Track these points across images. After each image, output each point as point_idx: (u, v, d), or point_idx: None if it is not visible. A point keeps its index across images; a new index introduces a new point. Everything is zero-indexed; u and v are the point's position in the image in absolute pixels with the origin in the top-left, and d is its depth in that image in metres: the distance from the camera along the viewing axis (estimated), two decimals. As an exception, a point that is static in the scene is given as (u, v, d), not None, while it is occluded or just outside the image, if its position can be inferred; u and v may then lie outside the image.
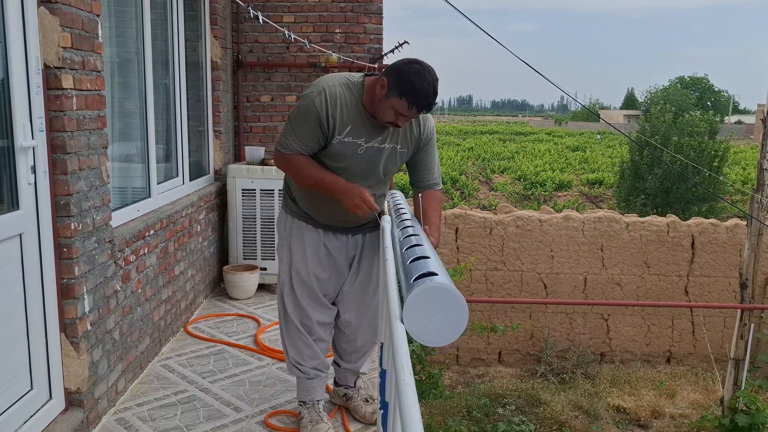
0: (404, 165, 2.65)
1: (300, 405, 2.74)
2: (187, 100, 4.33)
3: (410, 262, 1.71)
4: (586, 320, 9.77)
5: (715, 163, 19.54)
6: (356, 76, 2.47)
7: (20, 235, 2.24)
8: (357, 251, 2.72)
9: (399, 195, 3.01)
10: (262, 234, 4.75)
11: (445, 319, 1.46)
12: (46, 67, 2.31)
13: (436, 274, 1.53)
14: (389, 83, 2.28)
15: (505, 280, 9.65)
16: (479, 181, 26.99)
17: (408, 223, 2.29)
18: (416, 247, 1.84)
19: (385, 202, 2.81)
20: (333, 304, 2.75)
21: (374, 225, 2.68)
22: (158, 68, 3.83)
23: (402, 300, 1.52)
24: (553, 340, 9.66)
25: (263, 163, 4.79)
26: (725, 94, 72.96)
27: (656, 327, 9.81)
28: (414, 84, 2.24)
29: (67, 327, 2.47)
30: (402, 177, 25.29)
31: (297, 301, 2.67)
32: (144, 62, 3.54)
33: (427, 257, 1.70)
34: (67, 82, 2.37)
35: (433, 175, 2.63)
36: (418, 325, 1.45)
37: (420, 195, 2.60)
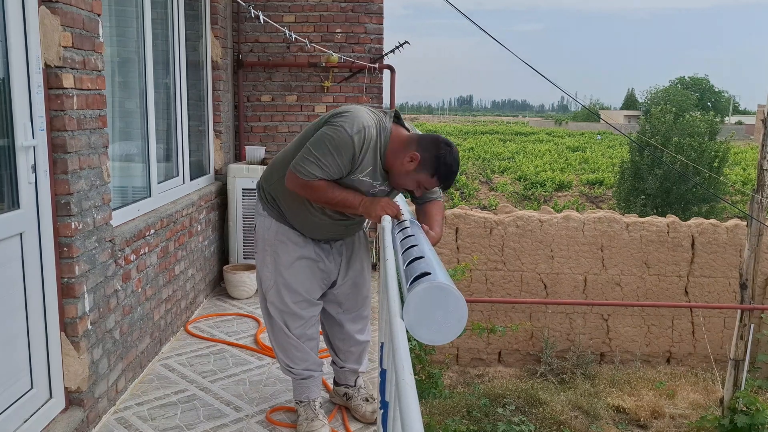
0: None
1: (297, 404, 2.76)
2: (188, 99, 4.34)
3: (410, 263, 1.71)
4: (586, 320, 9.77)
5: (716, 164, 19.55)
6: (386, 119, 2.43)
7: (21, 234, 2.24)
8: (345, 253, 2.72)
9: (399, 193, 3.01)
10: (262, 233, 4.75)
11: (445, 318, 1.46)
12: (46, 66, 2.31)
13: (437, 273, 1.53)
14: (422, 160, 2.33)
15: (505, 280, 9.66)
16: (479, 181, 27.00)
17: (407, 223, 2.29)
18: (415, 248, 1.84)
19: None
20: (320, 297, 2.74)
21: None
22: (159, 68, 3.83)
23: (402, 299, 1.52)
24: (553, 341, 9.66)
25: (264, 162, 4.79)
26: (725, 94, 72.96)
27: (656, 327, 9.82)
28: (451, 167, 2.35)
29: (67, 326, 2.48)
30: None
31: (284, 303, 2.63)
32: (144, 62, 3.54)
33: (426, 257, 1.71)
34: (67, 81, 2.37)
35: (435, 193, 2.62)
36: (418, 322, 1.46)
37: (422, 206, 2.61)
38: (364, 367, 2.94)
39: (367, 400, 2.85)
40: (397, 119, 2.46)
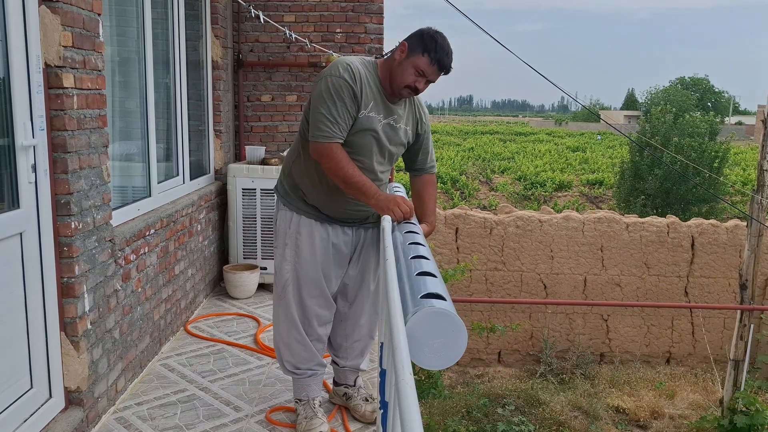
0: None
1: (296, 402, 2.76)
2: (188, 99, 4.33)
3: (416, 275, 1.71)
4: (586, 320, 9.77)
5: (716, 164, 19.56)
6: (368, 57, 2.56)
7: (21, 233, 2.24)
8: (359, 244, 2.73)
9: (401, 189, 3.02)
10: (262, 233, 4.75)
11: (444, 347, 1.46)
12: (47, 66, 2.31)
13: (444, 299, 1.53)
14: (410, 45, 2.41)
15: (505, 280, 9.66)
16: (479, 181, 27.00)
17: (413, 227, 2.29)
18: (423, 260, 1.83)
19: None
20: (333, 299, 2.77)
21: (377, 218, 2.68)
22: (159, 67, 3.83)
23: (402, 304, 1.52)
24: (553, 341, 9.66)
25: (264, 162, 4.79)
26: (726, 95, 72.95)
27: (656, 328, 9.82)
28: (437, 40, 2.39)
29: (67, 326, 2.48)
30: (402, 177, 25.28)
31: (301, 300, 2.64)
32: (145, 61, 3.54)
33: (434, 275, 1.70)
34: (67, 81, 2.37)
35: (431, 157, 2.74)
36: (416, 344, 1.46)
37: (417, 179, 2.71)
38: (365, 365, 2.93)
39: (367, 400, 2.85)
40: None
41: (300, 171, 2.59)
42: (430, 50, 2.38)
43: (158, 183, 3.74)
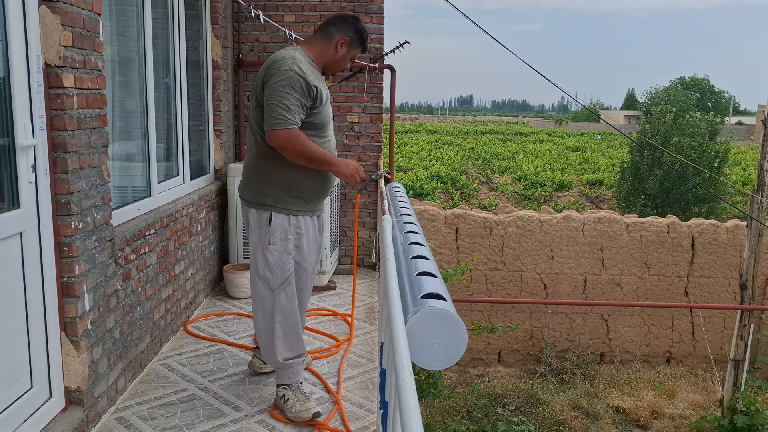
0: None
1: (284, 388, 2.84)
2: (188, 99, 4.33)
3: (416, 275, 1.71)
4: (586, 320, 9.77)
5: (716, 164, 19.55)
6: (289, 45, 2.91)
7: (21, 233, 2.24)
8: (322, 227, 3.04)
9: (401, 189, 3.05)
10: (262, 233, 4.75)
11: (444, 347, 1.47)
12: (47, 65, 2.31)
13: (444, 299, 1.53)
14: (350, 40, 2.83)
15: (505, 280, 9.66)
16: (479, 181, 27.00)
17: (413, 228, 2.29)
18: (422, 260, 1.84)
19: None
20: None
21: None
22: (159, 67, 3.83)
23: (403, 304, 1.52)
24: (553, 341, 9.66)
25: (264, 162, 4.79)
26: (726, 95, 72.96)
27: (656, 327, 9.82)
28: (366, 33, 2.89)
29: (67, 325, 2.48)
30: (401, 177, 25.26)
31: (300, 291, 2.86)
32: (145, 61, 3.54)
33: (434, 275, 1.70)
34: (68, 80, 2.37)
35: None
36: (416, 344, 1.46)
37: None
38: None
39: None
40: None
41: (287, 171, 2.74)
42: (364, 43, 2.89)
43: (158, 183, 3.74)
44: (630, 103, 73.10)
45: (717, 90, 70.07)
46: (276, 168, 2.74)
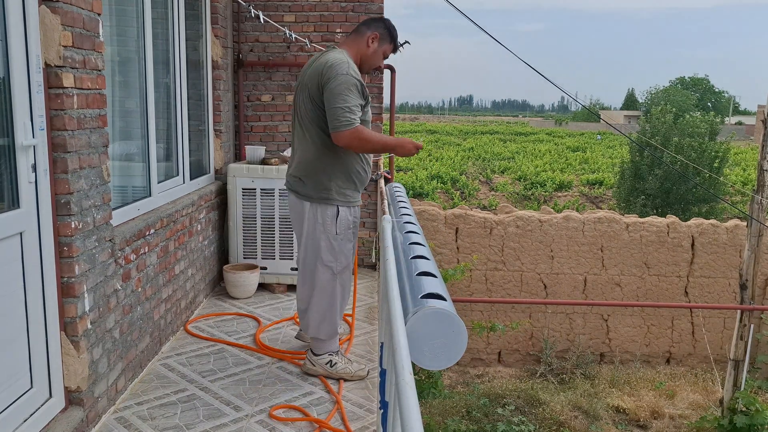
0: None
1: (329, 355, 3.18)
2: (188, 99, 4.33)
3: (416, 275, 1.71)
4: (586, 320, 9.77)
5: (716, 164, 19.53)
6: (331, 49, 3.04)
7: (21, 233, 2.24)
8: None
9: (401, 189, 3.10)
10: (262, 233, 4.75)
11: (444, 347, 1.47)
12: (47, 65, 2.31)
13: (444, 299, 1.53)
14: (381, 35, 3.07)
15: (505, 280, 9.65)
16: (479, 181, 26.99)
17: (413, 228, 2.30)
18: (422, 260, 1.84)
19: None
20: None
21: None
22: (159, 67, 3.83)
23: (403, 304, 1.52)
24: (553, 341, 9.66)
25: (264, 162, 4.79)
26: (726, 94, 72.97)
27: (656, 327, 9.82)
28: (395, 30, 3.14)
29: (67, 325, 2.48)
30: (401, 177, 25.27)
31: (350, 276, 3.22)
32: (145, 61, 3.54)
33: (434, 275, 1.71)
34: (67, 80, 2.37)
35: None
36: (416, 344, 1.46)
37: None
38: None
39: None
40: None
41: (346, 165, 3.02)
42: (395, 39, 3.12)
43: (158, 183, 3.74)
44: (630, 103, 73.12)
45: (717, 90, 70.07)
46: (337, 163, 3.00)
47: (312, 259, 3.10)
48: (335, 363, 3.17)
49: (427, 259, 1.85)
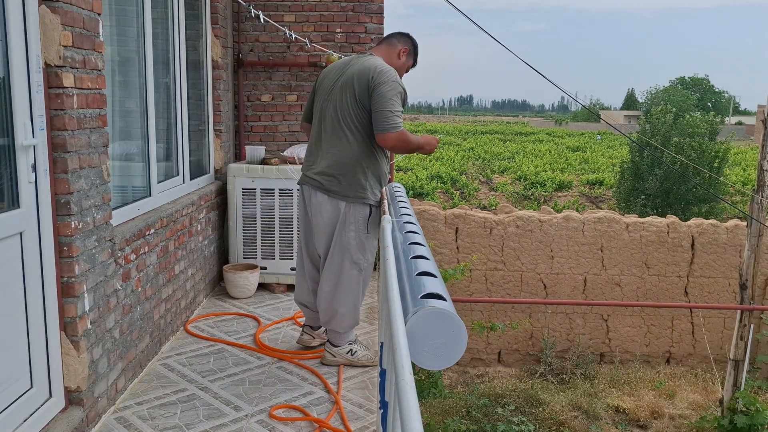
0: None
1: (349, 344, 3.35)
2: (188, 99, 4.33)
3: (416, 275, 1.71)
4: (586, 320, 9.77)
5: (716, 164, 19.53)
6: (369, 55, 3.20)
7: (21, 233, 2.24)
8: None
9: (401, 189, 3.12)
10: (262, 233, 4.75)
11: (444, 347, 1.47)
12: (46, 65, 2.31)
13: (444, 299, 1.53)
14: (409, 51, 3.33)
15: (505, 280, 9.65)
16: (479, 181, 26.99)
17: (413, 228, 2.29)
18: (422, 260, 1.84)
19: None
20: None
21: None
22: (159, 67, 3.83)
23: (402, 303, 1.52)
24: (553, 341, 9.66)
25: (264, 162, 4.79)
26: (726, 94, 72.96)
27: (656, 327, 9.81)
28: (418, 51, 3.40)
29: (67, 325, 2.48)
30: (401, 176, 25.27)
31: (371, 273, 3.33)
32: (145, 61, 3.54)
33: (434, 275, 1.70)
34: (67, 80, 2.37)
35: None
36: (416, 344, 1.46)
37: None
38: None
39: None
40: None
41: (378, 166, 3.18)
42: (417, 56, 3.39)
43: (158, 183, 3.74)
44: (630, 103, 73.11)
45: (717, 90, 70.06)
46: (373, 163, 3.15)
47: (339, 257, 3.18)
48: (356, 351, 3.35)
49: (427, 259, 1.85)
